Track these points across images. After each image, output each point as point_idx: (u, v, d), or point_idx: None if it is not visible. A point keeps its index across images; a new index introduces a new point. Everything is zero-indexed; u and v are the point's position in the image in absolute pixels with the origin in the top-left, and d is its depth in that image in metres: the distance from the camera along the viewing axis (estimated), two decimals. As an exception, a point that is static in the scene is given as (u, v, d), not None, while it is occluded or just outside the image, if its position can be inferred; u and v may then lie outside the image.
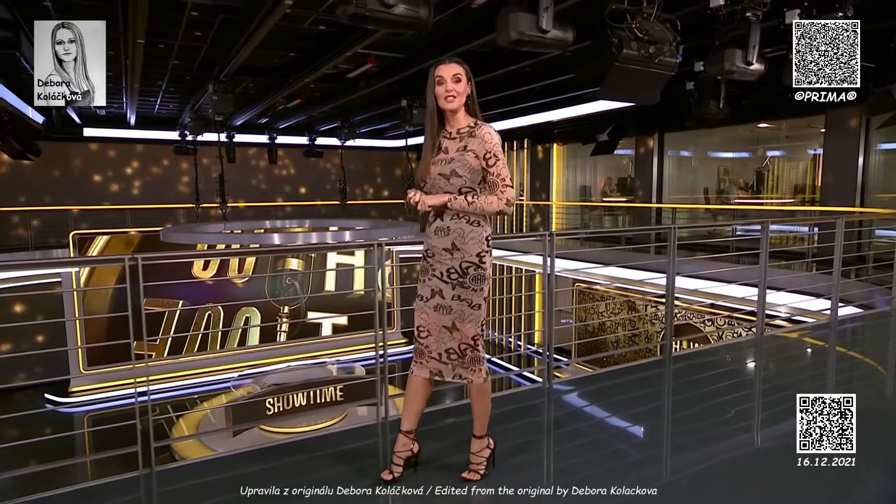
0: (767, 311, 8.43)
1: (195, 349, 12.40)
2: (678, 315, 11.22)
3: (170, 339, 12.16)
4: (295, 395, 10.63)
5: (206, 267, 12.19)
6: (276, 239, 9.95)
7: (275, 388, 10.48)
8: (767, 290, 8.21)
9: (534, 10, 3.52)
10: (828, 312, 6.59)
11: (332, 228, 13.35)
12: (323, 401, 10.97)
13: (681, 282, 9.91)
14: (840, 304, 6.63)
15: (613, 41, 3.96)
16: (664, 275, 10.54)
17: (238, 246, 11.63)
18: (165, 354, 12.17)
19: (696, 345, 10.12)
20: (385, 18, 3.01)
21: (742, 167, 13.06)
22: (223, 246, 11.14)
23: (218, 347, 12.64)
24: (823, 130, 10.39)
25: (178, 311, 12.18)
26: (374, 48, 6.61)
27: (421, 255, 2.38)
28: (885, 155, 9.36)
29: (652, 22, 4.07)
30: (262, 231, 12.18)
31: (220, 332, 12.78)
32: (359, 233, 10.81)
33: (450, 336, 2.31)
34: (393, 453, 2.39)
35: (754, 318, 10.18)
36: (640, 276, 10.93)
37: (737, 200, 11.98)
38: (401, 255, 14.30)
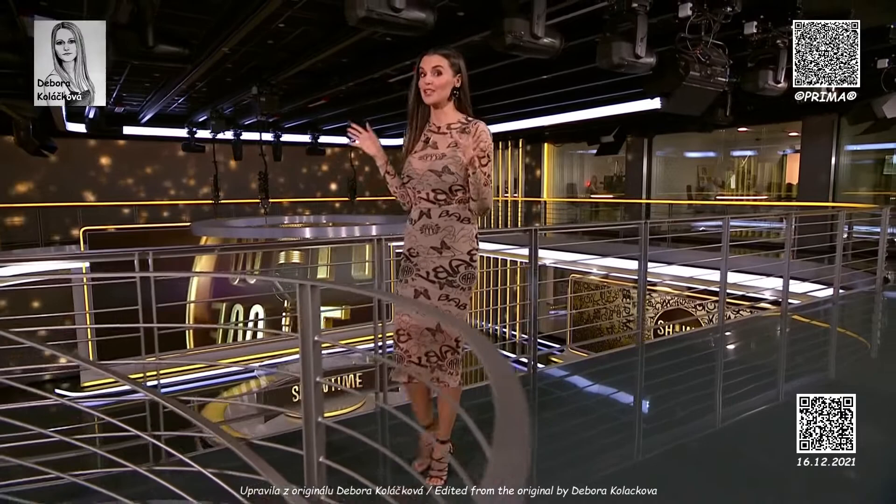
0: (754, 294, 9.49)
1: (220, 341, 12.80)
2: (670, 301, 12.31)
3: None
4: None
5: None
6: (307, 233, 10.41)
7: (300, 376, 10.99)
8: (757, 276, 9.26)
9: (630, 39, 4.29)
10: (812, 294, 7.65)
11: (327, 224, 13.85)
12: (344, 388, 11.55)
13: (678, 270, 10.95)
14: (823, 287, 7.78)
15: (681, 64, 4.78)
16: (662, 264, 11.41)
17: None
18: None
19: (689, 328, 11.21)
20: (532, 48, 3.71)
21: (718, 166, 14.31)
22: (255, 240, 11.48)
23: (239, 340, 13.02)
24: (795, 134, 11.64)
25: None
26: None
27: (402, 255, 2.28)
28: (851, 155, 10.66)
29: (711, 47, 4.92)
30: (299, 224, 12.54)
31: (238, 326, 13.13)
32: (382, 228, 11.38)
33: (432, 339, 2.20)
34: (418, 448, 2.42)
35: (742, 302, 11.26)
36: (634, 265, 11.96)
37: (719, 197, 13.18)
38: (397, 250, 14.92)
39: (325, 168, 17.04)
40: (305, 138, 14.90)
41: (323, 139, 15.04)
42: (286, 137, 14.59)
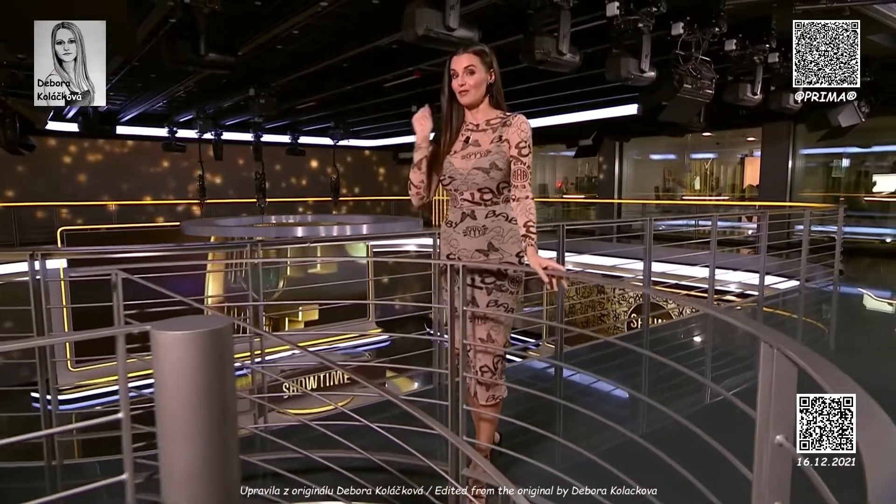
0: (721, 287, 10.23)
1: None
2: (643, 295, 13.01)
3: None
4: (307, 379, 11.42)
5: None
6: (300, 231, 10.60)
7: (290, 372, 11.17)
8: (725, 270, 9.90)
9: (636, 55, 4.79)
10: (775, 287, 8.36)
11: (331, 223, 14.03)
12: (332, 384, 11.81)
13: (655, 266, 11.61)
14: (785, 279, 8.52)
15: (676, 78, 5.32)
16: (635, 260, 11.92)
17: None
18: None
19: (661, 320, 11.92)
20: (557, 62, 4.15)
21: (683, 169, 15.19)
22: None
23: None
24: (753, 139, 12.54)
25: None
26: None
27: (442, 264, 2.14)
28: (805, 159, 11.61)
29: (700, 63, 5.48)
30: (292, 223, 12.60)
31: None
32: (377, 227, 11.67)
33: (483, 350, 2.11)
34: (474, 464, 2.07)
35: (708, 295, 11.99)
36: (614, 262, 12.65)
37: (685, 197, 14.02)
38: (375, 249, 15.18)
39: (307, 172, 17.15)
40: (285, 139, 15.00)
41: (303, 139, 15.17)
42: (265, 137, 14.65)
